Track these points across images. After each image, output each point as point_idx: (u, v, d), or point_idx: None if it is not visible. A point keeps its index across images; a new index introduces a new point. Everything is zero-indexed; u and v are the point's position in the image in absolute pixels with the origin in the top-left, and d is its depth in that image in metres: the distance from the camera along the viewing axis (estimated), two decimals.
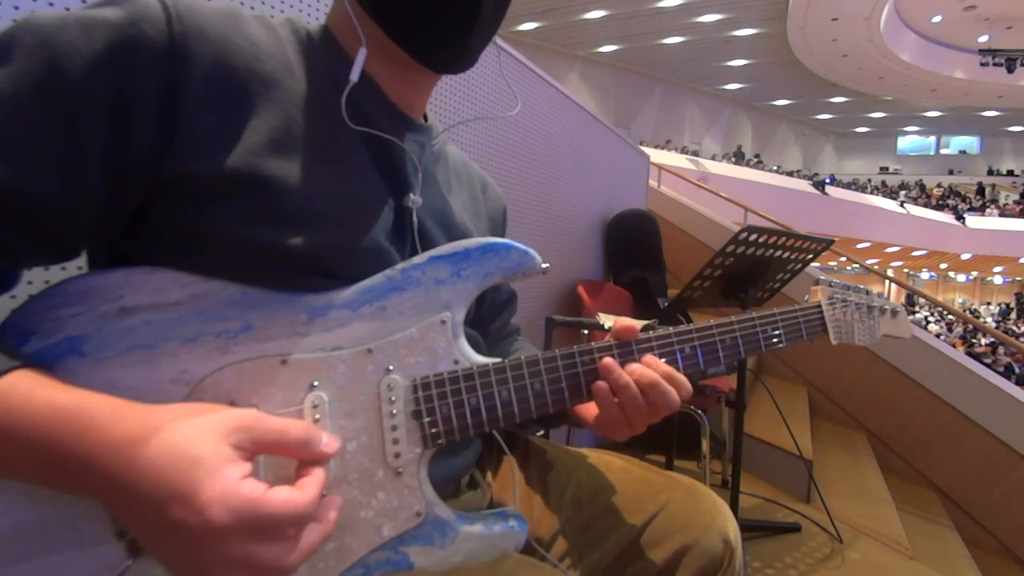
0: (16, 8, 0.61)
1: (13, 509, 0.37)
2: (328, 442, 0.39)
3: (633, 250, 2.77)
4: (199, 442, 0.33)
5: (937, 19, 14.58)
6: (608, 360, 0.53)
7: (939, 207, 18.17)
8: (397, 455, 0.47)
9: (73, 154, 0.39)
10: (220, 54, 0.44)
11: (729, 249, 1.48)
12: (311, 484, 0.37)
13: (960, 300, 24.36)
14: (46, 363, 0.39)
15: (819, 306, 0.70)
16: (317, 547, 0.37)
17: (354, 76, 0.50)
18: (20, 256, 0.41)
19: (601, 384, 0.52)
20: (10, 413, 0.34)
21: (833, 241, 1.66)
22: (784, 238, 1.53)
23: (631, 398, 0.52)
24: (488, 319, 0.71)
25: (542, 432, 0.85)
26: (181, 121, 0.42)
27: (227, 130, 0.44)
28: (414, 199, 0.55)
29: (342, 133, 0.50)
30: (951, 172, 22.77)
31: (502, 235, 0.75)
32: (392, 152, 0.54)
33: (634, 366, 0.53)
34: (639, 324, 0.56)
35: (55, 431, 0.34)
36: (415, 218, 0.55)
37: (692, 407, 1.92)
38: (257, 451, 0.36)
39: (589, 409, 0.58)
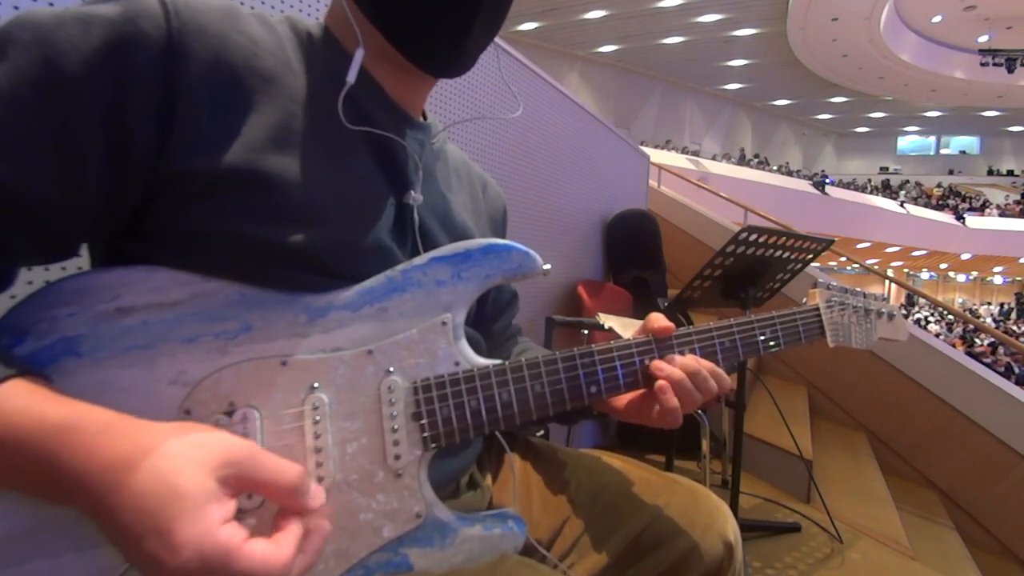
0: (16, 8, 0.60)
1: (11, 512, 0.37)
2: (315, 496, 0.38)
3: (633, 250, 2.77)
4: (185, 474, 0.32)
5: (937, 19, 14.59)
6: (658, 362, 0.55)
7: (939, 207, 18.17)
8: (397, 457, 0.46)
9: (71, 151, 0.39)
10: (218, 50, 0.43)
11: (729, 249, 1.48)
12: (289, 539, 0.35)
13: (960, 300, 24.37)
14: (42, 365, 0.39)
15: (817, 309, 0.70)
16: None
17: (351, 78, 0.50)
18: (19, 254, 0.41)
19: (664, 383, 0.54)
20: (2, 427, 0.34)
21: (833, 241, 1.66)
22: (784, 238, 1.53)
23: (685, 391, 0.53)
24: (491, 319, 0.70)
25: (541, 433, 0.85)
26: (179, 117, 0.41)
27: (226, 126, 0.43)
28: (415, 196, 0.55)
29: (342, 130, 0.50)
30: (951, 172, 22.78)
31: (503, 235, 0.75)
32: (392, 149, 0.54)
33: (675, 357, 0.55)
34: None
35: (46, 448, 0.33)
36: (416, 215, 0.55)
37: None
38: (243, 489, 0.35)
39: (618, 399, 0.59)
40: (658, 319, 0.57)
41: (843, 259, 5.40)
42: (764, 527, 1.91)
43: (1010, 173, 21.80)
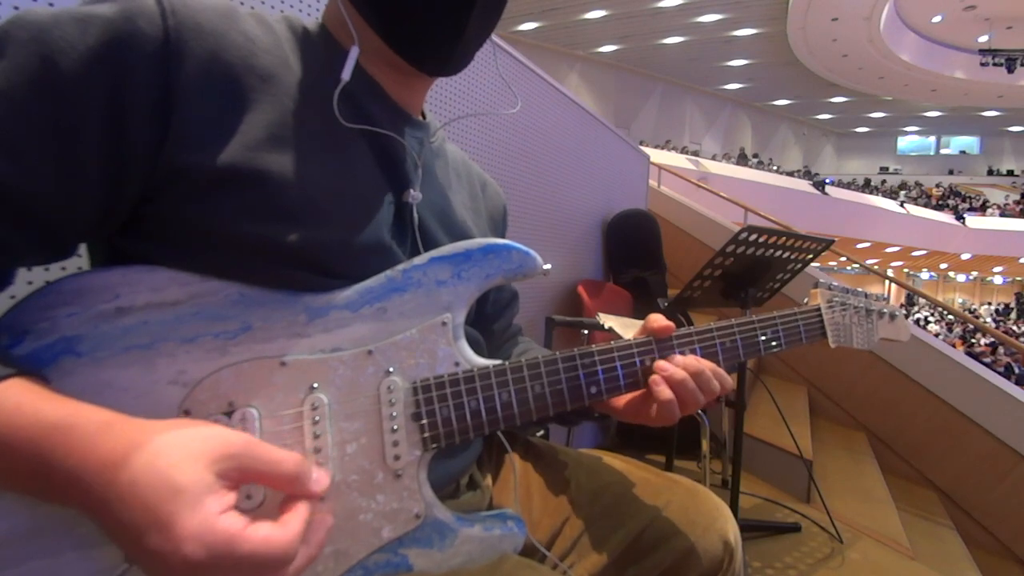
0: (16, 8, 0.60)
1: (11, 512, 0.37)
2: (318, 479, 0.38)
3: (633, 250, 2.77)
4: (183, 469, 0.32)
5: (937, 19, 14.58)
6: (660, 362, 0.55)
7: (939, 207, 18.17)
8: (397, 457, 0.46)
9: (69, 149, 0.39)
10: (215, 49, 0.43)
11: (729, 249, 1.48)
12: (294, 520, 0.35)
13: (960, 300, 24.37)
14: (41, 364, 0.39)
15: (818, 309, 0.70)
16: (302, 571, 0.36)
17: (346, 75, 0.50)
18: (17, 253, 0.41)
19: (657, 376, 0.54)
20: None
21: (833, 241, 1.66)
22: (784, 238, 1.53)
23: (688, 391, 0.53)
24: (491, 319, 0.70)
25: (541, 433, 0.85)
26: (177, 116, 0.41)
27: (223, 124, 0.43)
28: (414, 195, 0.55)
29: (341, 128, 0.50)
30: (951, 172, 22.78)
31: (503, 234, 0.75)
32: (391, 148, 0.54)
33: (676, 357, 0.55)
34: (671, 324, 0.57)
35: (42, 447, 0.33)
36: (415, 214, 0.55)
37: None
38: (243, 481, 0.35)
39: (617, 399, 0.59)
40: (658, 319, 0.57)
41: (843, 259, 5.41)
42: (764, 527, 1.91)
43: (1010, 173, 21.79)
